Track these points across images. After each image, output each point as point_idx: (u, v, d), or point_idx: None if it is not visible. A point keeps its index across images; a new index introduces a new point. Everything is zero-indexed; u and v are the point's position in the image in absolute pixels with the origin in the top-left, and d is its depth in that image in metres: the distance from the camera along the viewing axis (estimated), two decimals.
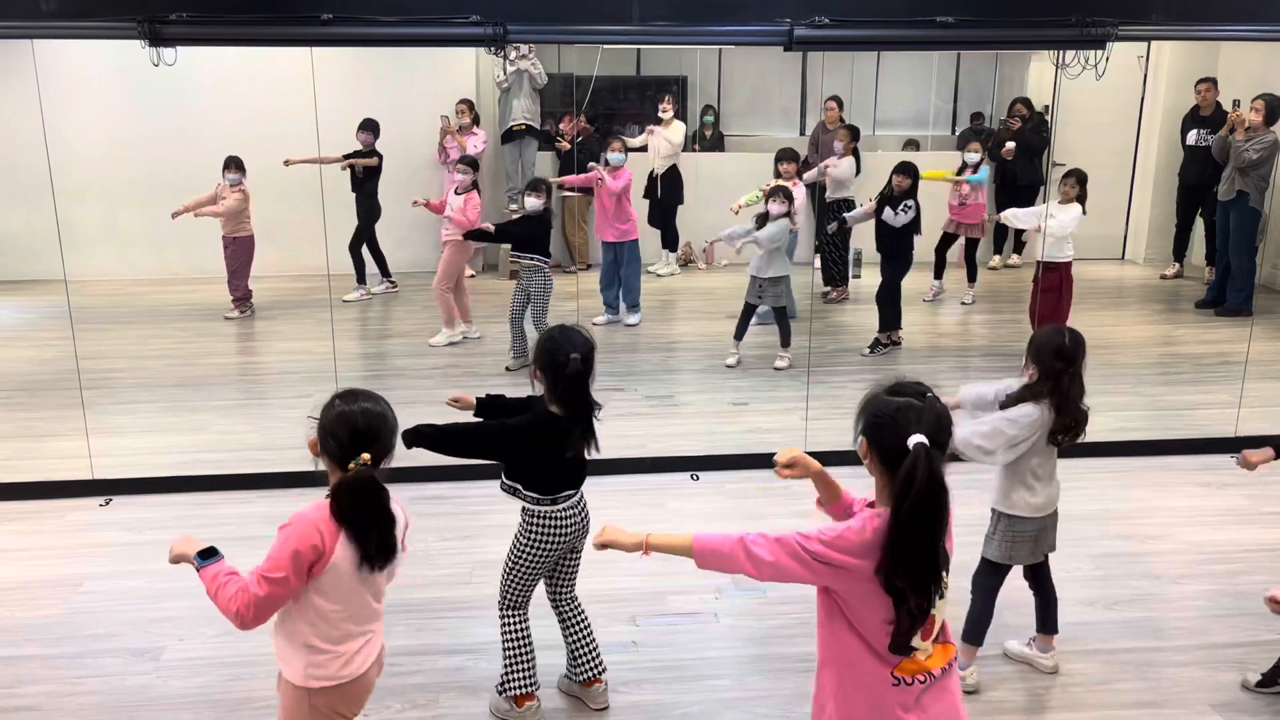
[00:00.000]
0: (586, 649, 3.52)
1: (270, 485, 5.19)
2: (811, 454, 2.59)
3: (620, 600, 4.16)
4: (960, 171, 8.70)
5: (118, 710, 3.53)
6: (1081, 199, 6.95)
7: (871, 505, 2.34)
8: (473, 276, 9.43)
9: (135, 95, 8.75)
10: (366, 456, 2.43)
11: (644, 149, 9.43)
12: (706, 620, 4.07)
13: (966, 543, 4.57)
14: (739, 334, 7.17)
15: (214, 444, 5.75)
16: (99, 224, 9.01)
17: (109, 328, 7.91)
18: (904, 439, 2.15)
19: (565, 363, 3.11)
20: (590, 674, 3.52)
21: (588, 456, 3.33)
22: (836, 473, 2.62)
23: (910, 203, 7.21)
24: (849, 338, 7.98)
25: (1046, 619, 3.73)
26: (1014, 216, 7.26)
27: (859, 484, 2.29)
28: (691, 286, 9.40)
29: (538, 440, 3.21)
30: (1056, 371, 3.37)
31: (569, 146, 9.49)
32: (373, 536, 2.48)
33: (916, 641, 2.24)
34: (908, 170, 7.29)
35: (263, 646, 3.89)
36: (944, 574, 2.26)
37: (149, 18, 4.65)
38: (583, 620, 3.55)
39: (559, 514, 3.30)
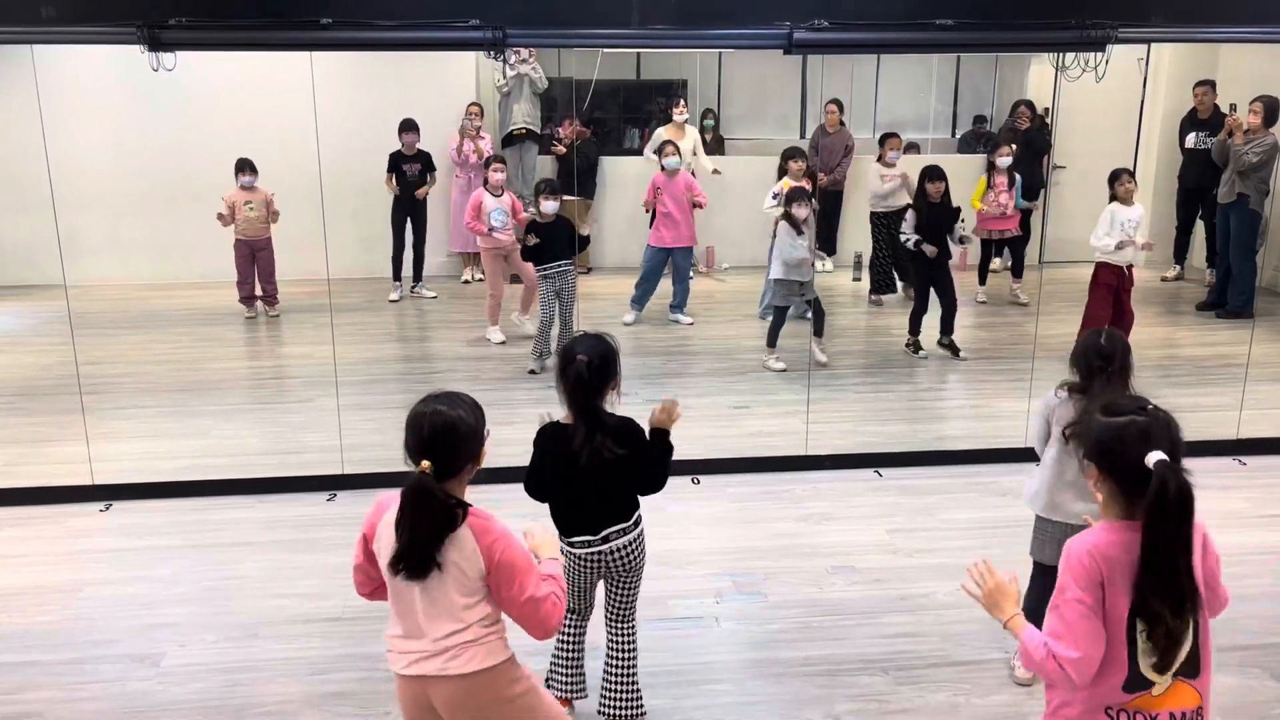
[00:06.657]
0: (605, 683, 3.39)
1: (271, 490, 5.19)
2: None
3: None
4: (989, 172, 8.67)
5: (118, 716, 3.52)
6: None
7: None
8: (467, 282, 9.46)
9: (135, 101, 8.74)
10: (426, 465, 2.38)
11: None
12: (707, 624, 4.06)
13: (969, 546, 4.58)
14: (775, 340, 7.09)
15: (215, 449, 5.74)
16: (99, 229, 9.00)
17: (110, 333, 7.91)
18: (1141, 459, 2.08)
19: (570, 363, 3.09)
20: (605, 711, 3.38)
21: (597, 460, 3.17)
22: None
23: (963, 225, 7.30)
24: (850, 341, 7.97)
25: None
26: (1096, 239, 7.11)
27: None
28: (692, 290, 9.37)
29: (541, 449, 3.19)
30: (1095, 369, 3.39)
31: (565, 150, 9.49)
32: (410, 546, 2.39)
33: (1150, 674, 2.15)
34: (940, 175, 7.25)
35: (263, 652, 3.91)
36: (1195, 608, 2.15)
37: (148, 23, 4.64)
38: (614, 656, 3.39)
39: (570, 549, 3.23)
